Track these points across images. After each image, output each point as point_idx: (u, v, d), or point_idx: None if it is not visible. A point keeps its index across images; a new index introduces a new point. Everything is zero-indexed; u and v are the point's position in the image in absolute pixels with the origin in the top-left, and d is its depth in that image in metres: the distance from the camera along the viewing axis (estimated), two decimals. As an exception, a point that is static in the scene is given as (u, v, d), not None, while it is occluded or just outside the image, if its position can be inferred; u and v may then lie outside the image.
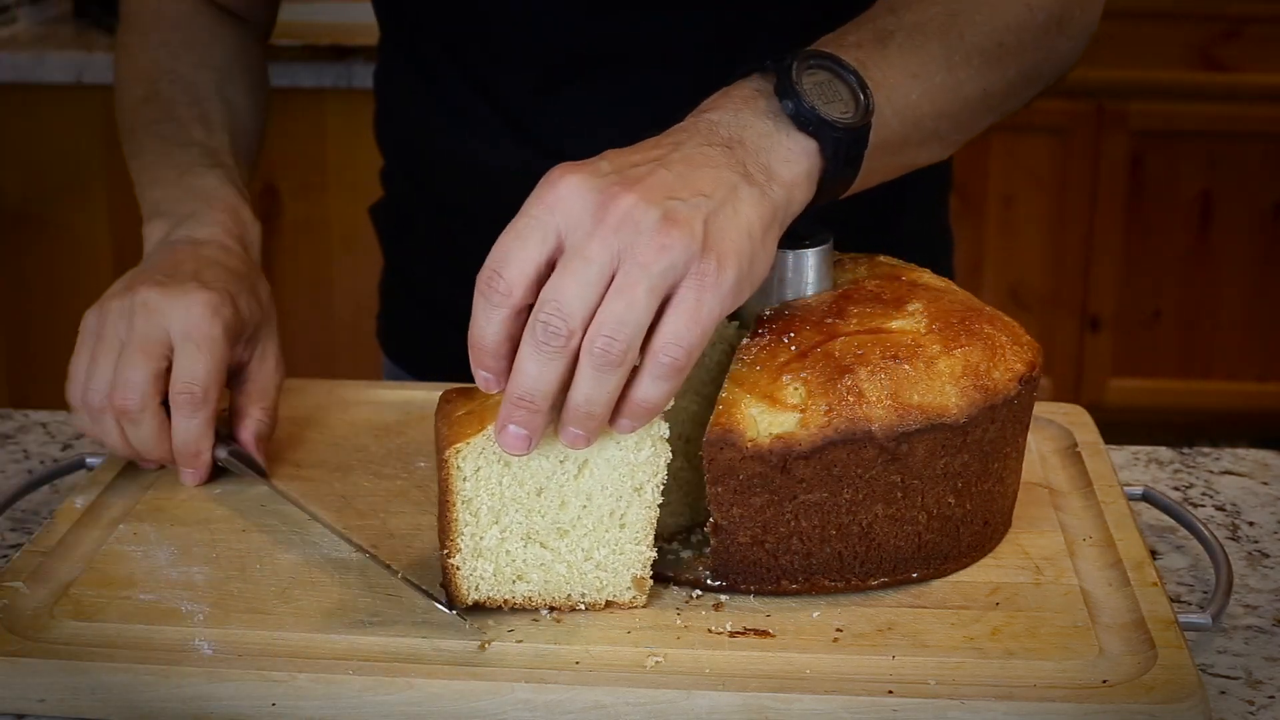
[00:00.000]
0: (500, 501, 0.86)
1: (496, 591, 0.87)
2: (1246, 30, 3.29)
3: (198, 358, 1.00)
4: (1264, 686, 0.86)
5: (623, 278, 0.79)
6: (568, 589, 0.88)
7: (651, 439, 0.86)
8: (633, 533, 0.87)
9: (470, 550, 0.86)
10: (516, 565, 0.87)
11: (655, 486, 0.87)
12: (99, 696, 0.82)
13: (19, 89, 2.76)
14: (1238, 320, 3.42)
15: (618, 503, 0.87)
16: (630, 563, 0.88)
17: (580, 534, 0.87)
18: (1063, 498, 1.02)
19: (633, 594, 0.88)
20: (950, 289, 0.98)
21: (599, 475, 0.86)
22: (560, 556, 0.87)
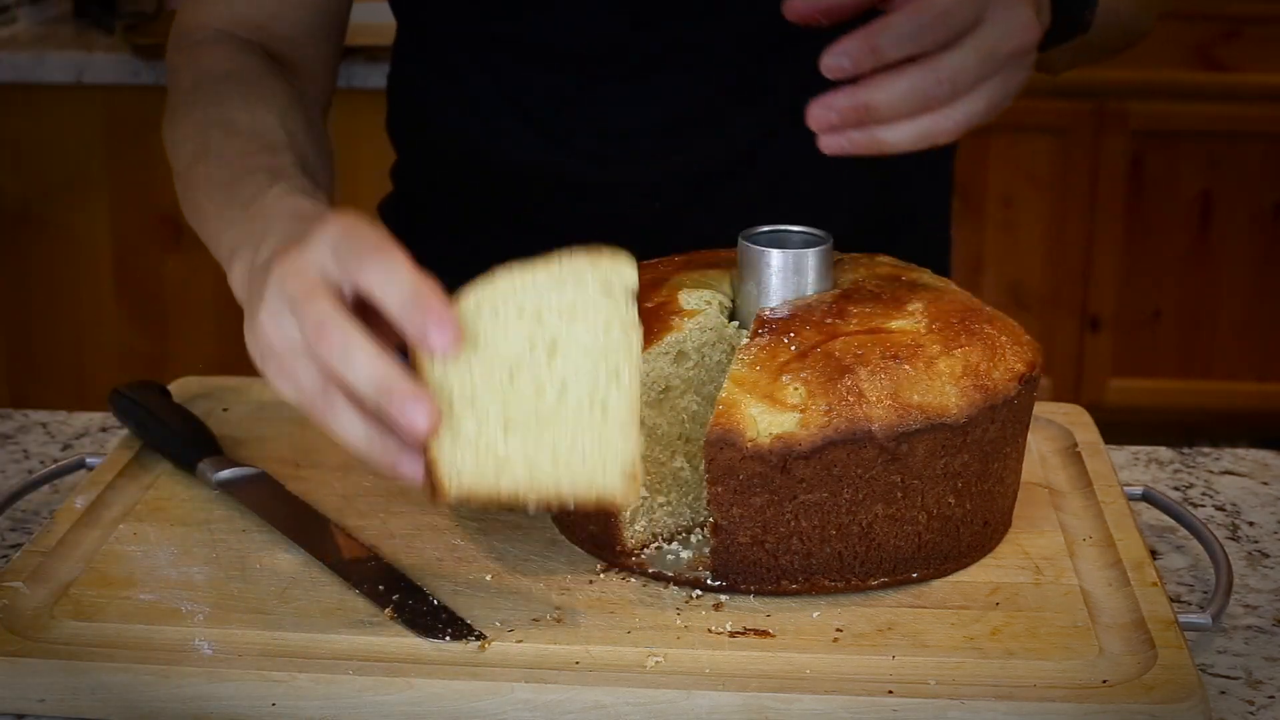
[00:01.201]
0: (472, 386, 0.82)
1: (480, 484, 0.82)
2: (1246, 30, 3.29)
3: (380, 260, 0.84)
4: (1264, 686, 0.86)
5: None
6: (555, 483, 0.83)
7: (620, 320, 0.83)
8: (616, 422, 0.83)
9: (448, 439, 0.82)
10: (499, 457, 0.82)
11: (632, 371, 0.83)
12: (99, 696, 0.82)
13: (19, 89, 2.76)
14: (1238, 320, 3.42)
15: (595, 389, 0.83)
16: (618, 455, 0.83)
17: (561, 422, 0.83)
18: (1063, 498, 1.02)
19: (624, 489, 0.83)
20: (950, 289, 0.98)
21: (571, 359, 0.83)
22: (544, 447, 0.83)
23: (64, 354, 2.91)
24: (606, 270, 0.83)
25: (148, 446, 1.07)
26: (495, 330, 0.83)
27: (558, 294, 0.83)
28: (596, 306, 0.83)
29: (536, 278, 0.83)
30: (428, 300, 0.80)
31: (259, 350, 0.86)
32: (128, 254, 2.86)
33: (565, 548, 0.96)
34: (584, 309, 0.83)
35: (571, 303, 0.83)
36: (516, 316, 0.83)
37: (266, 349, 0.85)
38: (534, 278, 0.83)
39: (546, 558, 0.94)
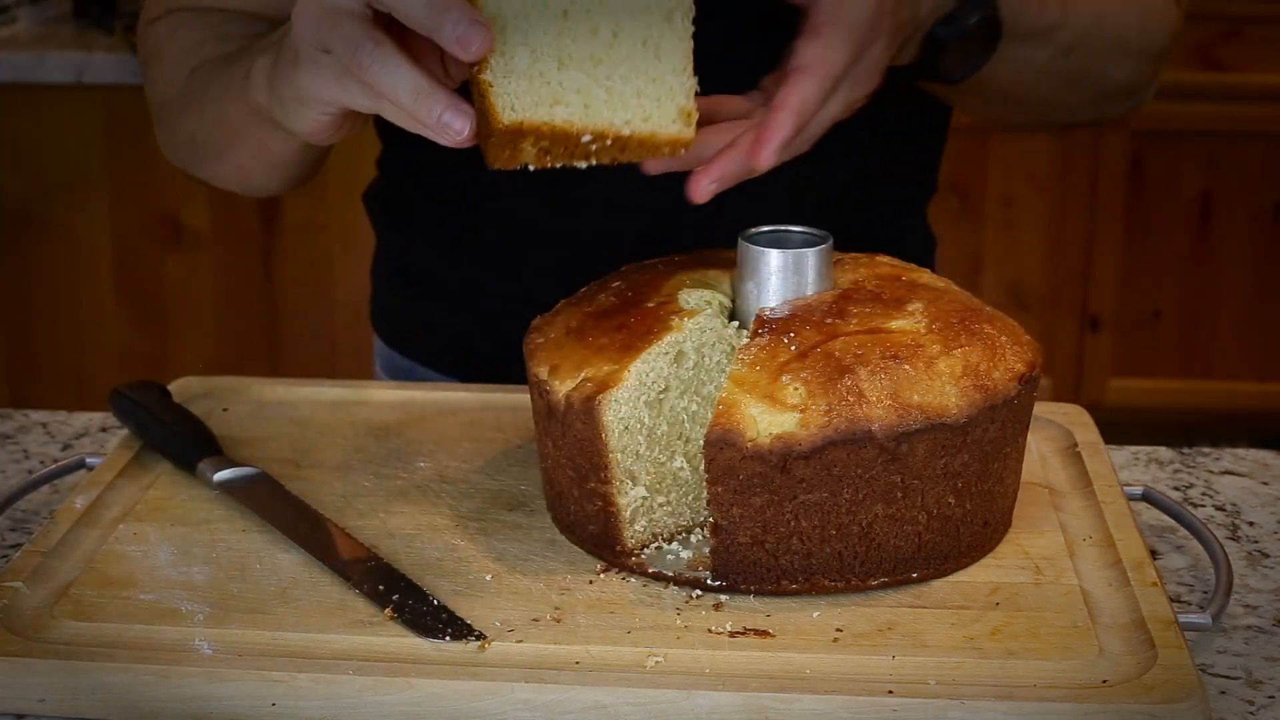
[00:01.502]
0: (527, 21, 0.84)
1: (534, 114, 0.84)
2: (1246, 30, 3.29)
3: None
4: (1264, 686, 0.86)
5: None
6: (609, 115, 0.86)
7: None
8: (670, 63, 0.86)
9: (501, 69, 0.84)
10: (553, 88, 0.85)
11: (684, 15, 0.86)
12: (99, 696, 0.82)
13: (19, 89, 2.76)
14: (1238, 320, 3.42)
15: (649, 30, 0.85)
16: (673, 93, 0.86)
17: (616, 62, 0.85)
18: (1063, 498, 1.02)
19: (679, 127, 0.87)
20: (950, 289, 0.98)
21: (624, 1, 0.85)
22: (599, 82, 0.85)
23: (64, 354, 2.91)
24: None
25: (148, 446, 1.07)
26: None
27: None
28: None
29: None
30: (448, 3, 0.82)
31: (294, 53, 0.90)
32: (128, 254, 2.86)
33: (565, 548, 0.96)
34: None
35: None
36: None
37: (305, 32, 0.89)
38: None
39: (546, 558, 0.94)
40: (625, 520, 0.93)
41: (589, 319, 0.96)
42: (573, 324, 0.97)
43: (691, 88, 0.87)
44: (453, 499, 1.02)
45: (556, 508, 0.98)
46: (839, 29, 0.90)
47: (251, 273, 2.86)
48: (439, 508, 1.00)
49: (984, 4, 1.06)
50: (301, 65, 0.90)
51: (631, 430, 0.92)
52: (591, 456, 0.92)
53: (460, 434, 1.11)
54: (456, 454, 1.08)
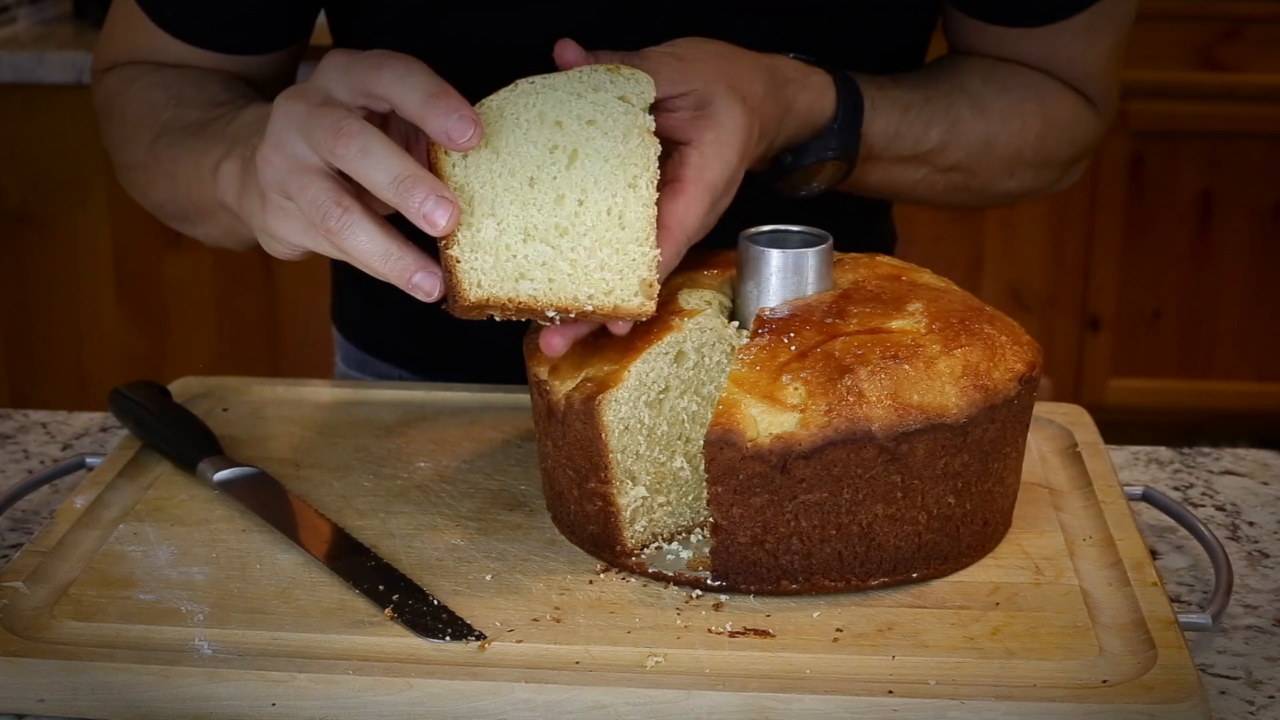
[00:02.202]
0: (494, 191, 0.86)
1: (500, 290, 0.86)
2: (1246, 30, 3.29)
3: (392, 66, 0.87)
4: (1264, 686, 0.86)
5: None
6: (573, 289, 0.87)
7: (639, 129, 0.87)
8: (634, 232, 0.87)
9: (468, 243, 0.86)
10: (518, 262, 0.86)
11: (649, 182, 0.87)
12: (99, 696, 0.82)
13: (19, 89, 2.76)
14: (1238, 320, 3.41)
15: (613, 199, 0.87)
16: (635, 265, 0.87)
17: (580, 232, 0.87)
18: (1063, 498, 1.02)
19: (640, 300, 0.87)
20: (950, 289, 0.99)
21: (590, 168, 0.86)
22: (563, 254, 0.86)
23: (64, 354, 2.91)
24: (626, 81, 0.87)
25: (148, 446, 1.07)
26: (516, 136, 0.86)
27: (578, 103, 0.86)
28: (615, 115, 0.86)
29: (557, 86, 0.87)
30: (448, 94, 0.83)
31: (260, 190, 0.89)
32: (128, 254, 2.86)
33: (565, 548, 0.96)
34: (603, 118, 0.86)
35: (591, 112, 0.87)
36: (537, 123, 0.86)
37: (271, 181, 0.88)
38: (554, 86, 0.87)
39: (546, 558, 0.94)
40: (625, 520, 0.93)
41: (589, 319, 0.96)
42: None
43: (654, 259, 0.87)
44: (453, 499, 1.02)
45: (556, 508, 0.98)
46: (701, 187, 0.91)
47: (251, 273, 2.86)
48: (439, 508, 1.00)
49: (842, 145, 1.07)
50: (269, 209, 0.90)
51: (631, 430, 0.92)
52: (591, 456, 0.92)
53: (460, 434, 1.11)
54: (456, 454, 1.08)
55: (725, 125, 0.93)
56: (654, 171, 0.87)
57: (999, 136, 1.19)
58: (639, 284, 0.87)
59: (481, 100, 0.86)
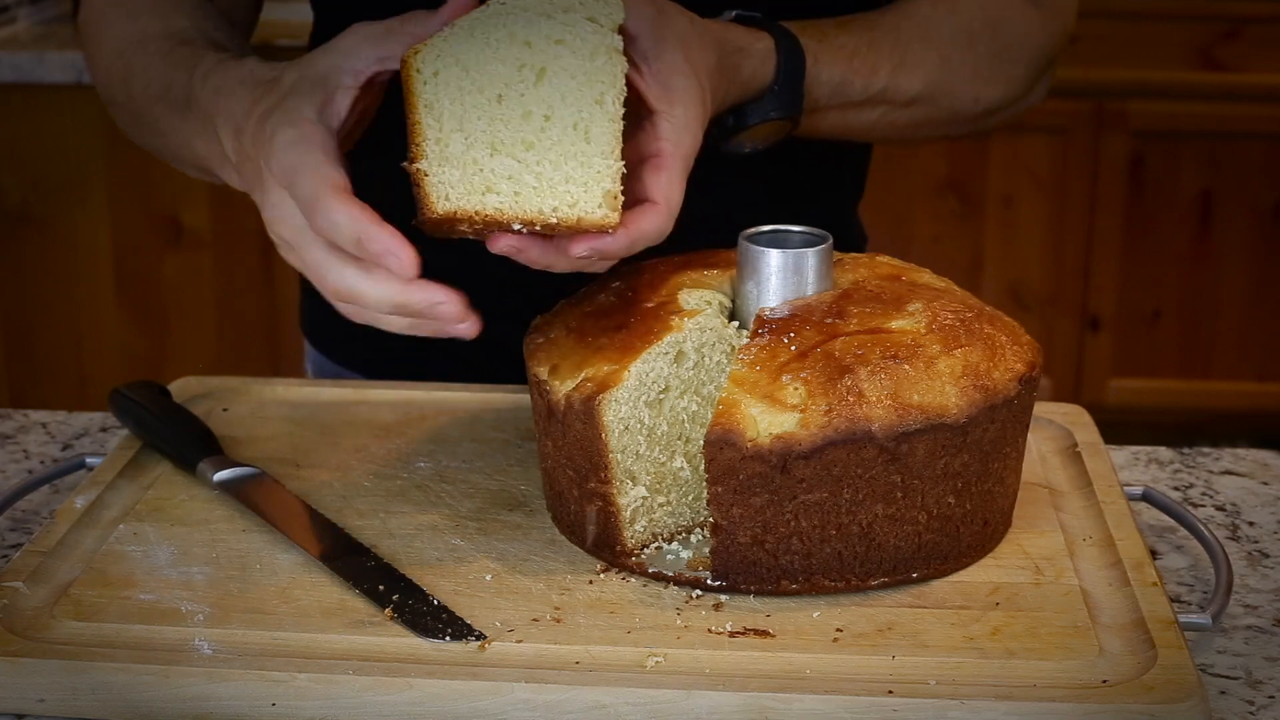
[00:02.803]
0: (462, 107, 0.87)
1: (466, 202, 0.87)
2: (1246, 30, 3.29)
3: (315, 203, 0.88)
4: (1264, 686, 0.86)
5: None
6: (538, 203, 0.88)
7: (605, 48, 0.88)
8: (599, 146, 0.88)
9: (436, 157, 0.87)
10: (485, 175, 0.88)
11: (615, 98, 0.88)
12: (99, 696, 0.82)
13: (19, 89, 2.76)
14: (1238, 320, 3.42)
15: (580, 114, 0.88)
16: (599, 177, 0.88)
17: (546, 146, 0.88)
18: (1063, 498, 1.02)
19: (604, 211, 0.88)
20: (950, 289, 0.99)
21: (557, 84, 0.87)
22: (529, 168, 0.88)
23: (64, 354, 2.91)
24: (594, 3, 0.88)
25: (148, 446, 1.07)
26: (485, 54, 0.87)
27: (547, 23, 0.88)
28: (583, 35, 0.88)
29: (526, 4, 0.88)
30: (372, 242, 0.86)
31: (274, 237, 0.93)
32: (128, 254, 2.86)
33: (565, 548, 0.96)
34: (571, 37, 0.88)
35: (560, 31, 0.88)
36: (507, 41, 0.87)
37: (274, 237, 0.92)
38: (524, 6, 0.88)
39: (546, 558, 0.94)
40: (625, 520, 0.93)
41: (588, 319, 0.96)
42: (572, 324, 0.97)
43: (618, 171, 0.88)
44: (453, 499, 1.02)
45: (556, 508, 0.98)
46: (680, 160, 0.92)
47: (251, 273, 2.86)
48: (439, 508, 1.00)
49: (783, 105, 1.08)
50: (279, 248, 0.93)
51: (631, 430, 0.92)
52: (591, 456, 0.92)
53: (460, 434, 1.11)
54: (456, 454, 1.08)
55: (689, 100, 0.94)
56: (620, 89, 0.88)
57: (952, 60, 1.19)
58: (603, 195, 0.88)
59: (452, 21, 0.88)
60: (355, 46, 0.90)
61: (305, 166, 0.87)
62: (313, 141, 0.88)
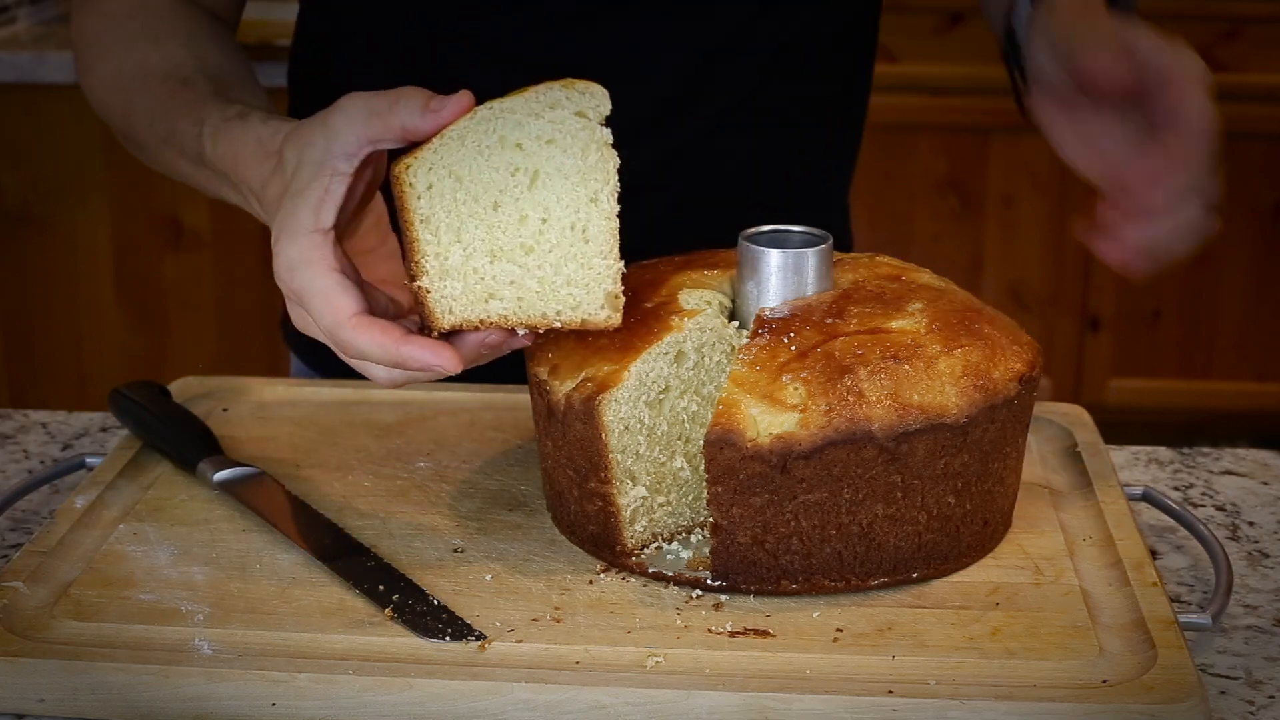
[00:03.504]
0: (458, 218, 0.87)
1: (471, 312, 0.88)
2: (1246, 30, 3.29)
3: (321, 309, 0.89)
4: (1264, 686, 0.86)
5: None
6: (542, 306, 0.89)
7: (596, 144, 0.88)
8: (598, 246, 0.88)
9: (436, 271, 0.87)
10: (487, 283, 0.88)
11: (610, 195, 0.88)
12: (99, 696, 0.82)
13: (19, 89, 2.76)
14: (1238, 320, 3.41)
15: (576, 215, 0.88)
16: (600, 278, 0.89)
17: (545, 249, 0.88)
18: (1063, 498, 1.02)
19: (607, 313, 0.89)
20: (950, 289, 0.98)
21: (552, 186, 0.88)
22: (530, 272, 0.88)
23: (64, 354, 2.91)
24: (581, 97, 0.88)
25: (148, 446, 1.07)
26: (478, 162, 0.87)
27: (536, 123, 0.87)
28: (573, 132, 0.88)
29: (514, 107, 0.87)
30: (409, 362, 0.86)
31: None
32: (128, 254, 2.85)
33: (565, 548, 0.96)
34: (561, 136, 0.88)
35: (550, 130, 0.88)
36: (498, 147, 0.87)
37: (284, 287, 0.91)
38: (512, 109, 0.87)
39: (546, 558, 0.94)
40: (625, 520, 0.93)
41: (589, 319, 0.96)
42: (573, 324, 0.97)
43: (618, 271, 0.89)
44: (453, 499, 1.02)
45: (556, 508, 0.98)
46: (1199, 88, 0.92)
47: (251, 273, 2.86)
48: (439, 508, 1.00)
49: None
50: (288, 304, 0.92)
51: (631, 430, 0.92)
52: (592, 456, 0.92)
53: (460, 434, 1.11)
54: (456, 454, 1.08)
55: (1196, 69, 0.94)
56: (614, 185, 0.88)
57: None
58: (604, 297, 0.89)
59: (442, 130, 0.87)
60: (345, 128, 0.87)
61: (315, 292, 0.86)
62: (317, 260, 0.87)
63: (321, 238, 0.87)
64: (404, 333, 0.86)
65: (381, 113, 0.87)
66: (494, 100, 0.87)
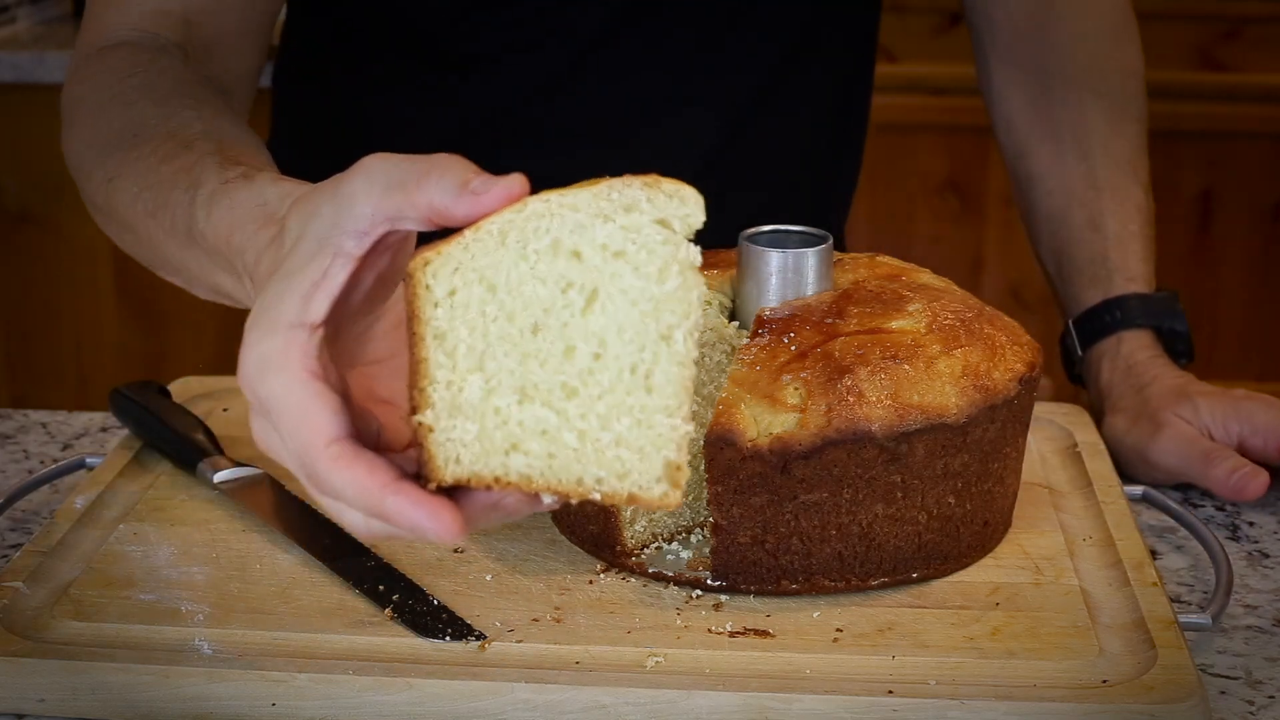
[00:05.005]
0: (485, 340, 0.67)
1: (485, 465, 0.67)
2: (1246, 30, 3.29)
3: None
4: (1264, 686, 0.86)
5: None
6: (578, 469, 0.67)
7: (680, 265, 0.67)
8: (664, 399, 0.67)
9: (446, 405, 0.67)
10: (510, 430, 0.67)
11: (688, 334, 0.68)
12: (99, 696, 0.82)
13: (19, 89, 2.76)
14: (1238, 320, 3.41)
15: (640, 354, 0.67)
16: (660, 442, 0.67)
17: (594, 394, 0.67)
18: (1063, 498, 1.02)
19: (664, 489, 0.67)
20: (950, 289, 0.99)
21: (613, 312, 0.67)
22: (569, 422, 0.67)
23: (64, 354, 2.91)
24: (668, 201, 0.67)
25: (148, 446, 1.07)
26: (520, 270, 0.67)
27: (603, 228, 0.67)
28: (650, 246, 0.67)
29: (578, 204, 0.67)
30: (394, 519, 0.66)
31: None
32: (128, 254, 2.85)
33: (565, 548, 0.96)
34: (635, 249, 0.67)
35: (620, 239, 0.67)
36: (550, 254, 0.67)
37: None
38: (575, 206, 0.67)
39: (546, 558, 0.94)
40: (625, 520, 0.93)
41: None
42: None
43: (685, 436, 0.67)
44: (453, 499, 1.02)
45: (556, 508, 0.98)
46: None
47: (251, 273, 2.86)
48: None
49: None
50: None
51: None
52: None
53: (460, 434, 1.11)
54: (456, 454, 1.08)
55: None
56: (695, 320, 0.68)
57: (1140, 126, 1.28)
58: (663, 467, 0.67)
59: (480, 221, 0.67)
60: (359, 199, 0.67)
61: (287, 406, 0.66)
62: (295, 363, 0.67)
63: (306, 335, 0.67)
64: (395, 475, 0.65)
65: (406, 184, 0.66)
66: (551, 192, 0.67)
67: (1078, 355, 1.24)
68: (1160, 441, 1.09)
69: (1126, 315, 1.20)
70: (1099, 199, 1.24)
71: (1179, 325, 1.20)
